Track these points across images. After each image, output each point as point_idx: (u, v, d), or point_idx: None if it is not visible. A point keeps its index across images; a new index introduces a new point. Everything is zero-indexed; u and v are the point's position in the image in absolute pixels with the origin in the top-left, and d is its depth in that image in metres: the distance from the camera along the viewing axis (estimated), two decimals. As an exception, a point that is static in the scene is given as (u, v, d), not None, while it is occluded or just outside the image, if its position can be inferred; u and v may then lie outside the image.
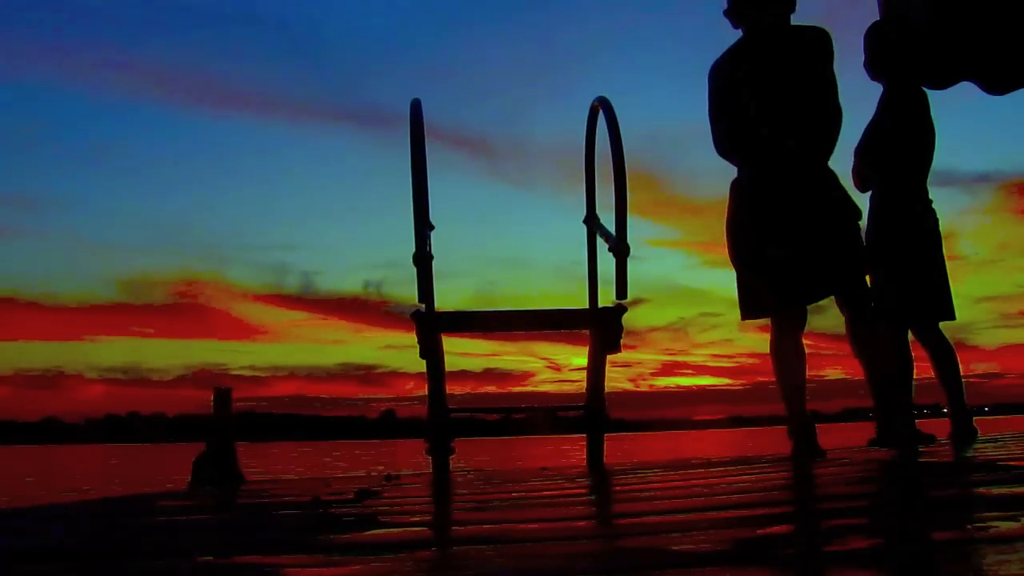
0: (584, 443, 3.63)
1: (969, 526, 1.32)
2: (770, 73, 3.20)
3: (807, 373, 3.27)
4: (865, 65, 3.81)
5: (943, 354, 3.65)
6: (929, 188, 3.70)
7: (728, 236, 3.30)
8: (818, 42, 3.21)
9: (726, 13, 3.33)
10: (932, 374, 3.71)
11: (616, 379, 4.31)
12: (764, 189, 3.20)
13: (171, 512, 2.41)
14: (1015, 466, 2.34)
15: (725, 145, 3.28)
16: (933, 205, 3.71)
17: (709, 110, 3.29)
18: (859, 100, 3.80)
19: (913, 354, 3.70)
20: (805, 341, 3.29)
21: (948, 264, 3.67)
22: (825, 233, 3.15)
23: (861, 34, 3.83)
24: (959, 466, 2.67)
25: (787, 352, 3.24)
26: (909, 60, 3.54)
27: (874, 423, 3.46)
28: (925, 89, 3.66)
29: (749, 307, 3.29)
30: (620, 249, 3.30)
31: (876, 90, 3.83)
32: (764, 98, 3.19)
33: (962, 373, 3.72)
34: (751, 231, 3.22)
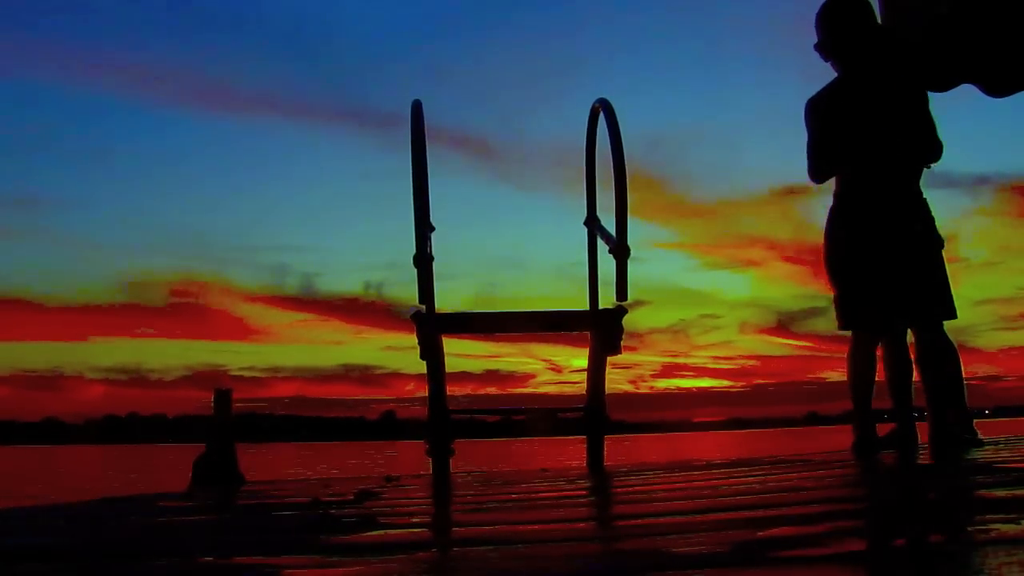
0: (584, 444, 3.64)
1: (969, 528, 1.32)
2: (872, 110, 3.31)
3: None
4: None
5: (943, 356, 3.63)
6: (923, 189, 3.68)
7: (825, 256, 3.47)
8: (912, 82, 3.35)
9: (817, 47, 3.42)
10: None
11: (616, 380, 4.30)
12: (857, 218, 3.35)
13: (171, 512, 2.41)
14: (1015, 468, 2.34)
15: (821, 177, 3.42)
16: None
17: (809, 144, 3.40)
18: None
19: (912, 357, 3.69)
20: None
21: (948, 267, 3.66)
22: (903, 264, 3.31)
23: None
24: (959, 468, 2.67)
25: (861, 361, 3.50)
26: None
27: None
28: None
29: (846, 319, 3.48)
30: (620, 251, 3.30)
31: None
32: (867, 134, 3.30)
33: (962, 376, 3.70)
34: (844, 255, 3.40)
